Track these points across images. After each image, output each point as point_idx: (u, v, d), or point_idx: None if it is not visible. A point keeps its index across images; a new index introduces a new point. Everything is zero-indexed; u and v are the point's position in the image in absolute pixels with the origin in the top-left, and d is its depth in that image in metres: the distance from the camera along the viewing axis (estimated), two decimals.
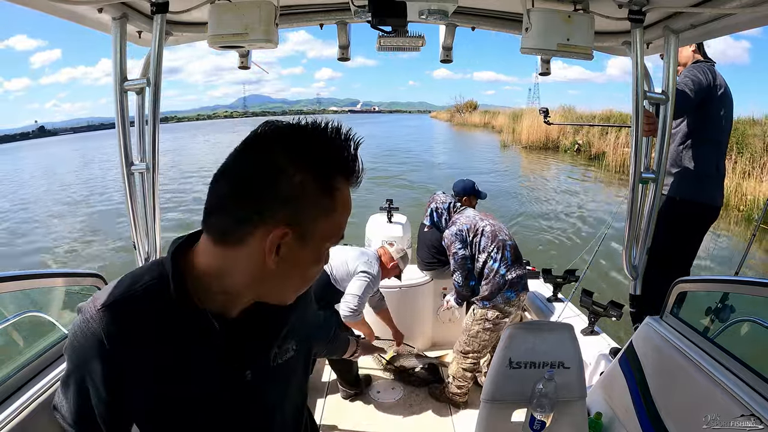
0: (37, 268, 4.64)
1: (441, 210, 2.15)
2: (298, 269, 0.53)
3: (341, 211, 0.52)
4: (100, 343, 0.51)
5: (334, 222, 0.52)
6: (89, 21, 1.36)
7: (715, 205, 1.89)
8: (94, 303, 0.52)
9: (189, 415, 0.56)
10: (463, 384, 2.08)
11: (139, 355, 0.52)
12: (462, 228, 2.02)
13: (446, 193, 2.25)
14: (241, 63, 1.63)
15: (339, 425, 2.03)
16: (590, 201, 9.58)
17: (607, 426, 1.35)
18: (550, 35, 1.27)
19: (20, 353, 1.15)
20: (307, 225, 0.50)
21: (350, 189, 0.53)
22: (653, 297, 1.53)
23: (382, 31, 1.42)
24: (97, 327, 0.51)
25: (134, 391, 0.53)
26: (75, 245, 7.13)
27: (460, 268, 2.02)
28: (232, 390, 0.57)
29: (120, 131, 1.40)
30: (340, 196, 0.51)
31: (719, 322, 1.35)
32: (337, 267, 1.95)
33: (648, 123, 1.43)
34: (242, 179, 0.49)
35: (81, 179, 15.78)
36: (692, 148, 1.82)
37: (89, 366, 0.52)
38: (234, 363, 0.57)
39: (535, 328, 1.23)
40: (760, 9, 1.07)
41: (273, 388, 0.62)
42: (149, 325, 0.52)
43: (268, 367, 0.60)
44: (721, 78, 1.81)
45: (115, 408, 0.54)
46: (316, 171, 0.48)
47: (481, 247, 2.00)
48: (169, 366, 0.53)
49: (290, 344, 0.64)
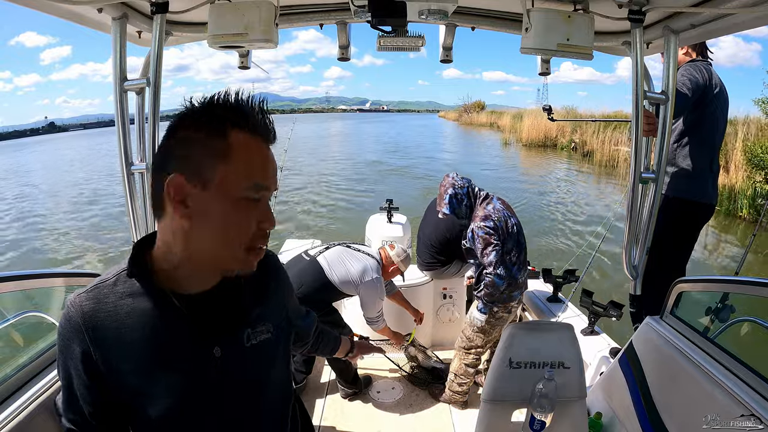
0: (37, 268, 4.63)
1: (461, 196, 1.94)
2: (216, 221, 0.54)
3: (243, 156, 0.54)
4: (77, 327, 0.56)
5: (237, 167, 0.53)
6: (89, 21, 1.36)
7: (708, 203, 1.89)
8: (75, 293, 0.59)
9: (165, 392, 0.58)
10: (464, 381, 2.06)
11: (111, 335, 0.56)
12: (499, 225, 1.86)
13: (459, 175, 2.02)
14: (241, 63, 1.63)
15: (339, 425, 2.03)
16: (581, 191, 10.56)
17: (607, 426, 1.35)
18: (550, 35, 1.27)
19: (20, 353, 1.15)
20: (205, 172, 0.52)
21: (262, 142, 0.56)
22: (649, 296, 1.53)
23: (382, 31, 1.42)
24: (75, 312, 0.57)
25: (108, 371, 0.57)
26: (77, 245, 7.14)
27: (502, 263, 1.85)
28: (199, 365, 0.59)
29: (120, 131, 1.40)
30: (235, 140, 0.53)
31: (719, 322, 1.35)
32: (340, 274, 2.01)
33: (648, 123, 1.43)
34: (156, 152, 0.57)
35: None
36: (687, 147, 1.83)
37: (70, 350, 0.58)
38: (200, 338, 0.59)
39: (535, 328, 1.23)
40: (760, 9, 1.08)
41: (249, 367, 0.63)
42: (119, 309, 0.57)
43: (241, 346, 0.62)
44: (716, 77, 1.82)
45: (95, 391, 0.58)
46: (204, 120, 0.53)
47: (508, 248, 1.89)
48: (138, 344, 0.57)
49: (265, 326, 0.65)
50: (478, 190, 1.98)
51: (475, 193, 1.96)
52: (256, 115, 0.56)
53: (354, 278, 2.01)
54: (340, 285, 2.01)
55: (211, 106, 0.54)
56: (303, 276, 1.99)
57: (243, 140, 0.54)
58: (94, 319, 0.56)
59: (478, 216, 1.90)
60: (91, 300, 0.57)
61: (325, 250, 2.11)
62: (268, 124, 0.57)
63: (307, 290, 1.95)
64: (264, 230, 0.57)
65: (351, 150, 23.30)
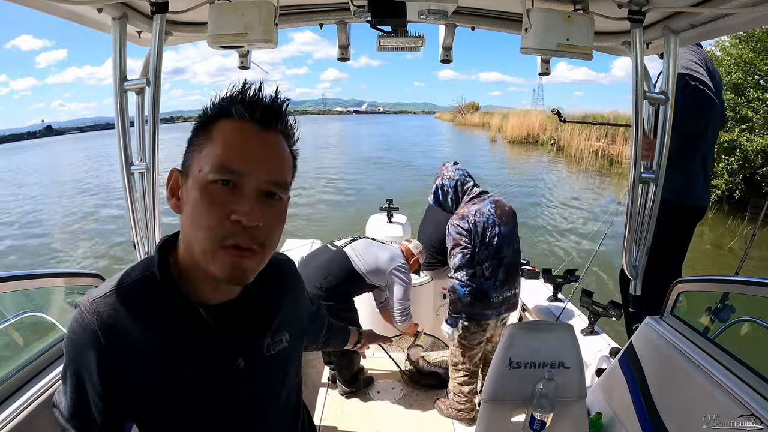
0: (37, 268, 4.63)
1: (447, 188, 1.84)
2: (188, 209, 0.52)
3: (219, 140, 0.51)
4: (93, 334, 0.52)
5: (209, 150, 0.51)
6: (89, 21, 1.36)
7: (701, 206, 1.87)
8: (89, 297, 0.55)
9: (182, 403, 0.56)
10: (462, 400, 1.96)
11: (131, 344, 0.53)
12: (473, 229, 1.73)
13: (456, 166, 1.90)
14: (241, 63, 1.63)
15: (339, 425, 2.03)
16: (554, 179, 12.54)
17: (607, 426, 1.35)
18: (550, 35, 1.26)
19: (20, 353, 1.15)
20: (188, 163, 0.53)
21: (251, 126, 0.52)
22: (649, 296, 1.53)
23: (381, 31, 1.42)
24: (90, 318, 0.53)
25: (128, 381, 0.54)
26: (78, 244, 7.14)
27: (467, 269, 1.75)
28: (224, 378, 0.58)
29: (120, 131, 1.40)
30: (216, 129, 0.52)
31: (719, 322, 1.35)
32: (369, 263, 2.04)
33: (646, 149, 1.42)
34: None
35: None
36: (677, 147, 1.80)
37: (84, 357, 0.53)
38: (224, 350, 0.57)
39: (535, 328, 1.23)
40: (759, 9, 1.07)
41: (267, 377, 0.63)
42: (139, 316, 0.54)
43: (261, 356, 0.61)
44: (710, 62, 1.81)
45: (110, 399, 0.54)
46: (198, 120, 0.54)
47: (480, 258, 1.76)
48: (161, 355, 0.54)
49: (283, 335, 0.65)
50: (473, 187, 1.85)
51: (465, 188, 1.84)
52: (246, 100, 0.52)
53: (383, 265, 2.05)
54: (368, 273, 2.04)
55: (207, 107, 0.54)
56: (330, 265, 2.01)
57: (224, 126, 0.52)
58: (114, 327, 0.53)
59: (457, 213, 1.79)
60: (110, 306, 0.53)
61: (352, 241, 2.15)
62: (265, 106, 0.52)
63: (333, 280, 1.97)
64: (237, 222, 0.49)
65: (350, 150, 24.81)
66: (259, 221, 0.50)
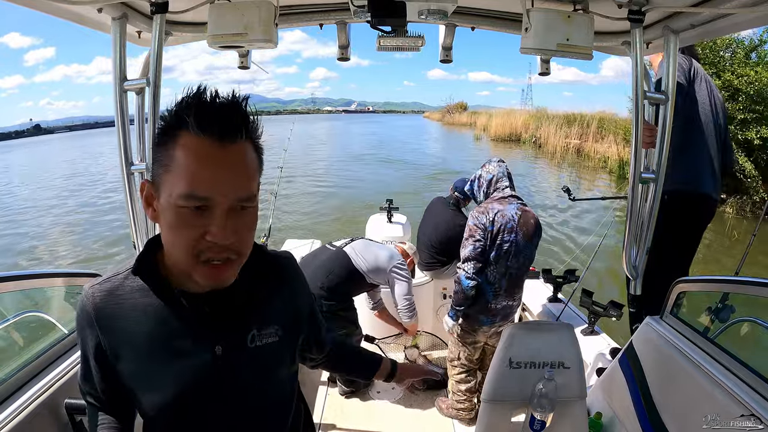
0: (37, 268, 4.64)
1: (483, 180, 1.84)
2: (164, 227, 0.54)
3: (182, 163, 0.50)
4: (89, 316, 0.60)
5: (174, 175, 0.50)
6: (89, 21, 1.36)
7: (710, 195, 1.79)
8: (90, 283, 0.62)
9: (165, 386, 0.60)
10: (461, 399, 1.97)
11: (117, 327, 0.59)
12: (489, 227, 1.72)
13: (502, 162, 1.88)
14: (240, 63, 1.63)
15: (338, 424, 2.03)
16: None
17: (607, 426, 1.35)
18: (550, 35, 1.26)
19: (20, 353, 1.15)
20: (156, 179, 0.53)
21: (211, 143, 0.49)
22: (650, 297, 1.53)
23: (381, 31, 1.42)
24: (87, 303, 0.60)
25: (117, 362, 0.60)
26: (78, 244, 7.14)
27: (476, 258, 1.73)
28: (201, 363, 0.60)
29: (120, 131, 1.40)
30: (177, 146, 0.50)
31: (719, 322, 1.35)
32: (369, 262, 2.07)
33: (648, 135, 1.41)
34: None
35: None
36: (677, 135, 1.79)
37: (84, 336, 0.62)
38: (202, 337, 0.60)
39: (535, 328, 1.23)
40: (760, 9, 1.07)
41: (249, 368, 0.63)
42: (125, 301, 0.60)
43: (243, 346, 0.62)
44: (696, 63, 1.82)
45: (104, 375, 0.62)
46: (159, 129, 0.53)
47: (488, 258, 1.75)
48: (144, 339, 0.59)
49: (273, 329, 0.65)
50: (505, 188, 1.80)
51: (497, 185, 1.81)
52: (206, 112, 0.49)
53: (383, 264, 2.09)
54: (369, 272, 2.06)
55: (167, 114, 0.52)
56: (332, 265, 2.03)
57: (186, 143, 0.50)
58: (104, 311, 0.59)
59: (480, 206, 1.79)
60: (103, 292, 0.60)
61: (351, 241, 2.18)
62: (223, 119, 0.50)
63: (335, 279, 1.99)
64: (211, 242, 0.51)
65: (341, 148, 25.48)
66: (231, 239, 0.52)
